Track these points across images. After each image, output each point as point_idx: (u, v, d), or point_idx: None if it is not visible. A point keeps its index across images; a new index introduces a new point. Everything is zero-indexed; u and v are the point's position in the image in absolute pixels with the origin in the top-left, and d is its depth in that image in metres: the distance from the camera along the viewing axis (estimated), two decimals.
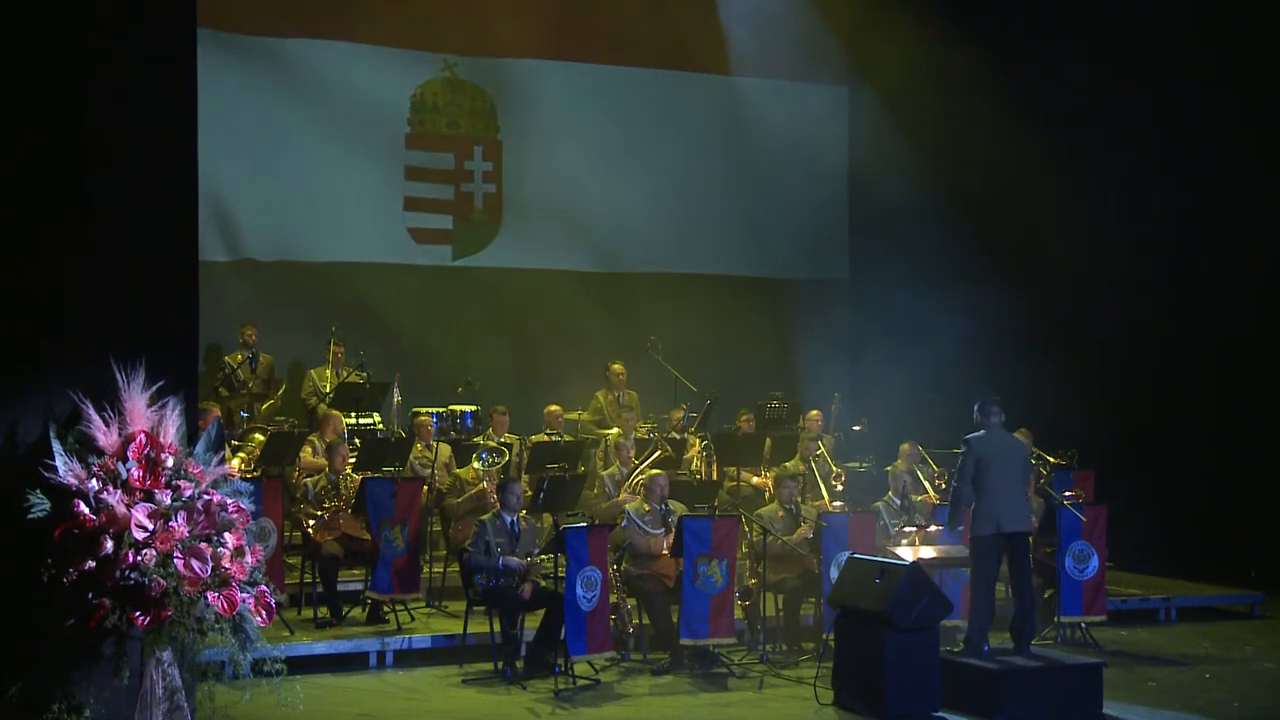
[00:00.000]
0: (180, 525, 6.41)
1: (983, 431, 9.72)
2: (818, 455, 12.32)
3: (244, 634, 6.55)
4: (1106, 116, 14.34)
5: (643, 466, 11.98)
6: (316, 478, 11.24)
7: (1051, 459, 12.12)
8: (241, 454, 11.58)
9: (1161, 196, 13.98)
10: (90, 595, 6.21)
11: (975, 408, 9.82)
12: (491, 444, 11.93)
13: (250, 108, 14.41)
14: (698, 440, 12.99)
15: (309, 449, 11.87)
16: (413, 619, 10.93)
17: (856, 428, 13.85)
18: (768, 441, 13.03)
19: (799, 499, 11.24)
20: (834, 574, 10.23)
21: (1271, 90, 13.29)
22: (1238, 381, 13.69)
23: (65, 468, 6.39)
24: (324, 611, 10.80)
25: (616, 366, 13.98)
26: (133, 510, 6.33)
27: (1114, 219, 14.00)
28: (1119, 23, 14.08)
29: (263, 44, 14.55)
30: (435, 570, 11.76)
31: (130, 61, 6.93)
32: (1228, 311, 13.67)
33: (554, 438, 12.68)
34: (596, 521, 10.49)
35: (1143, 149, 14.02)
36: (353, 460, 11.53)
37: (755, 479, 12.87)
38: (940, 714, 8.87)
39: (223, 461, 6.84)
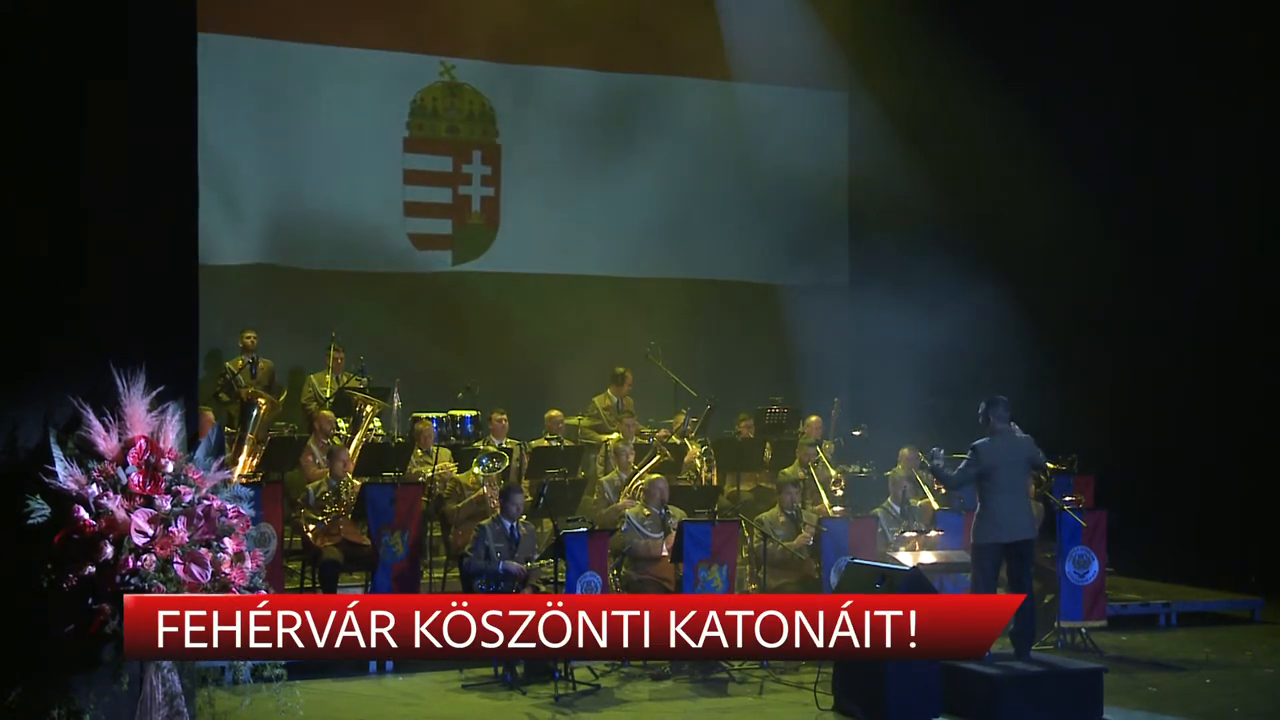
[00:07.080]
0: (180, 530, 6.41)
1: (990, 438, 9.67)
2: (817, 461, 12.32)
3: None
4: (1107, 123, 14.33)
5: (642, 471, 11.98)
6: (317, 482, 11.24)
7: (1051, 464, 12.09)
8: None
9: (1162, 201, 13.98)
10: (90, 600, 6.21)
11: (980, 409, 9.75)
12: (491, 449, 11.93)
13: (251, 112, 14.42)
14: (697, 445, 12.99)
15: (309, 457, 11.87)
16: None
17: (856, 433, 13.82)
18: (767, 446, 13.03)
19: (800, 504, 11.24)
20: (834, 579, 10.23)
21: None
22: (1238, 386, 13.68)
23: (65, 473, 6.38)
24: None
25: (630, 375, 13.98)
26: (132, 515, 6.32)
27: (1114, 224, 13.99)
28: (1112, 28, 14.09)
29: (264, 47, 14.56)
30: (435, 575, 11.74)
31: (131, 65, 6.93)
32: (1229, 317, 13.66)
33: (554, 443, 12.68)
34: (596, 527, 10.48)
35: (1145, 154, 14.02)
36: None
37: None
38: (940, 719, 8.88)
39: (223, 467, 6.84)
